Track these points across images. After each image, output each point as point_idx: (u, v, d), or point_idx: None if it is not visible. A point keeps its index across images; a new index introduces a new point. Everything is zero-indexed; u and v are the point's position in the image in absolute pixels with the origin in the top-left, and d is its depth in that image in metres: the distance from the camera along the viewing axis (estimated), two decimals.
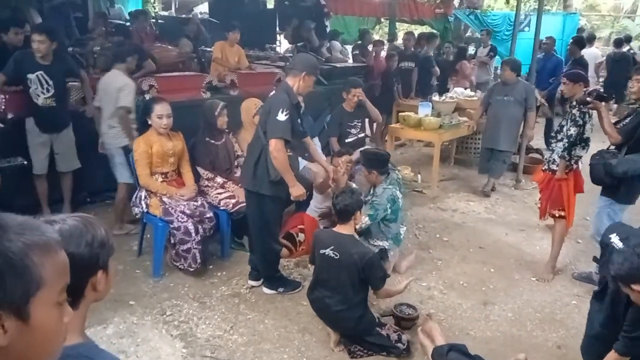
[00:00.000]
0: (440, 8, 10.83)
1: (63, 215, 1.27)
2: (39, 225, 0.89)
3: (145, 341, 3.24)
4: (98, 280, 1.26)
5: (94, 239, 1.24)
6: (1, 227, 0.83)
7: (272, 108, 3.40)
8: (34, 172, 4.63)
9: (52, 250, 0.88)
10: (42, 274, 0.85)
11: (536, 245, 4.89)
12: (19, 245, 0.83)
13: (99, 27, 7.38)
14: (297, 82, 3.53)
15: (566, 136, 4.07)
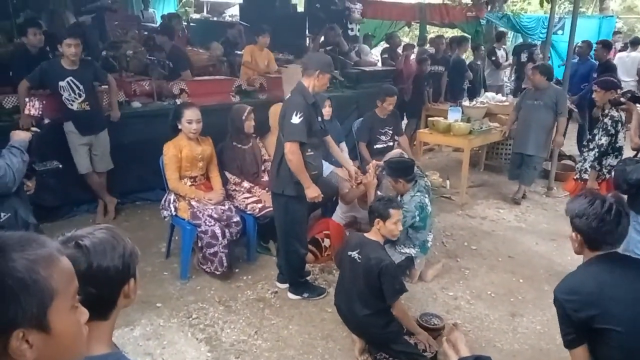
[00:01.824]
0: (472, 11, 10.68)
1: (89, 229, 1.31)
2: (36, 239, 0.93)
3: (171, 344, 3.28)
4: (130, 288, 1.31)
5: (125, 250, 1.29)
6: (1, 249, 0.86)
7: (286, 111, 3.44)
8: (80, 172, 4.81)
9: (55, 259, 0.92)
10: (53, 284, 0.89)
11: (567, 255, 4.77)
12: (24, 262, 0.86)
13: (132, 31, 7.54)
14: (311, 81, 3.54)
15: (597, 145, 3.97)
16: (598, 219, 2.03)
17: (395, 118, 5.59)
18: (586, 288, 2.01)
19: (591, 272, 2.08)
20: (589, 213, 2.05)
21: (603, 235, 2.05)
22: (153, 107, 5.48)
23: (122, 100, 5.29)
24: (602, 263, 2.09)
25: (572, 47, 6.47)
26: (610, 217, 2.02)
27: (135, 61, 6.13)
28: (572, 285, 2.07)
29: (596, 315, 1.95)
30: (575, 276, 2.11)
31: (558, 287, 2.09)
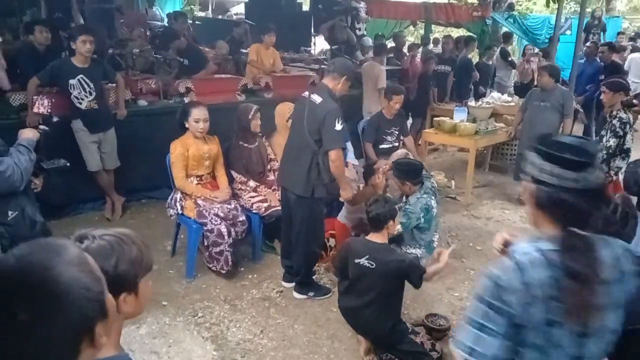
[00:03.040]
0: (478, 11, 10.64)
1: (102, 231, 1.28)
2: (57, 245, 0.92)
3: (177, 342, 3.29)
4: (122, 300, 1.25)
5: (119, 262, 1.23)
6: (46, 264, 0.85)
7: (326, 118, 3.39)
8: (90, 169, 4.83)
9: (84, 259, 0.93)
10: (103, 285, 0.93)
11: None
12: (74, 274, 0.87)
13: (138, 29, 7.55)
14: (336, 85, 3.55)
15: (605, 147, 3.96)
16: (603, 220, 1.99)
17: (402, 118, 5.59)
18: None
19: None
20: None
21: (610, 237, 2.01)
22: (159, 106, 5.49)
23: (128, 98, 5.30)
24: None
25: (579, 47, 6.45)
26: (616, 219, 1.95)
27: (141, 59, 6.14)
28: None
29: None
30: None
31: None
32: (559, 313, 1.33)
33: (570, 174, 1.35)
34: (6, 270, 0.83)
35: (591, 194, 1.36)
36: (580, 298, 1.32)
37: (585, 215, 1.37)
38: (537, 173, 1.40)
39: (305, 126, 3.51)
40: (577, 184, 1.34)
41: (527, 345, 1.37)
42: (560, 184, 1.36)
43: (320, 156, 3.51)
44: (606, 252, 1.39)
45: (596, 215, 1.39)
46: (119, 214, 5.11)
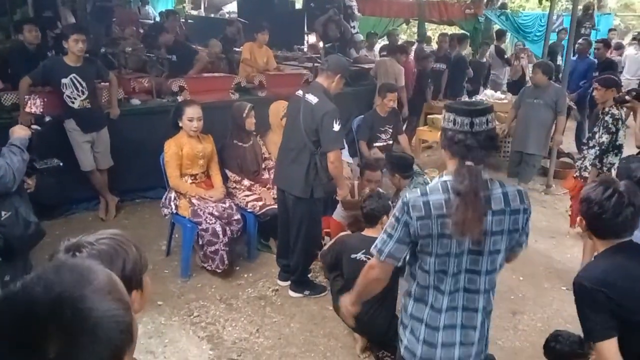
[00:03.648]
0: (471, 8, 10.67)
1: (94, 237, 1.26)
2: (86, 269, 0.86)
3: (172, 342, 3.28)
4: (132, 299, 1.23)
5: (126, 263, 1.23)
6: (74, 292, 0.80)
7: (324, 119, 3.37)
8: (83, 169, 4.80)
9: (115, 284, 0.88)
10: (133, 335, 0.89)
11: (567, 253, 4.79)
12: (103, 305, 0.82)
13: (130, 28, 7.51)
14: (330, 83, 3.53)
15: (598, 143, 3.99)
16: (598, 206, 1.93)
17: (396, 116, 5.60)
18: (618, 278, 1.88)
19: (616, 262, 1.94)
20: (591, 198, 1.96)
21: (603, 223, 1.94)
22: (152, 105, 5.46)
23: (121, 97, 5.27)
24: (619, 253, 1.95)
25: (571, 44, 6.48)
26: (609, 205, 1.90)
27: (134, 58, 6.11)
28: (600, 275, 1.90)
29: (629, 306, 1.83)
30: (600, 266, 1.96)
31: (584, 277, 1.92)
32: (448, 228, 1.75)
33: (463, 119, 1.78)
34: (35, 301, 0.76)
35: (483, 136, 1.78)
36: (463, 212, 1.70)
37: (476, 151, 1.77)
38: (444, 123, 1.84)
39: (302, 127, 3.49)
40: (469, 127, 1.77)
41: (428, 253, 1.81)
42: (457, 128, 1.79)
43: (318, 156, 3.51)
44: (497, 189, 1.82)
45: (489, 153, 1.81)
46: (113, 214, 5.09)
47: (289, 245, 3.85)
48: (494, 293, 1.95)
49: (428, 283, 1.87)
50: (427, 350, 1.90)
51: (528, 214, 1.88)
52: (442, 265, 1.82)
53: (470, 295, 1.87)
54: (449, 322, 1.88)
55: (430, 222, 1.77)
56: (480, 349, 1.96)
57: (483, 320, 1.92)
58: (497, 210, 1.80)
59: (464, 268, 1.83)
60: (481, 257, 1.82)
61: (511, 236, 1.85)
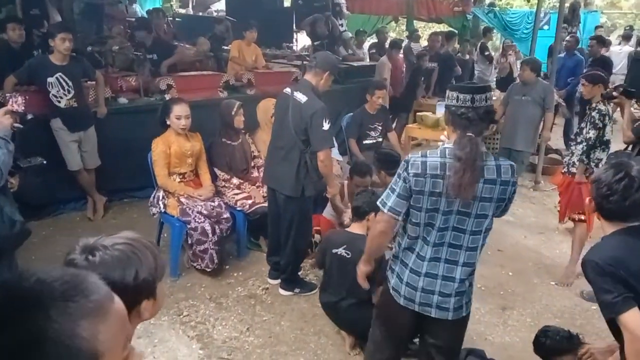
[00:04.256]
0: (459, 6, 10.70)
1: (112, 240, 1.19)
2: (82, 285, 0.79)
3: (162, 342, 3.25)
4: (143, 308, 1.20)
5: (139, 273, 1.17)
6: (41, 304, 0.73)
7: (314, 118, 3.35)
8: (70, 169, 4.76)
9: (102, 312, 0.79)
10: (97, 346, 0.76)
11: (556, 248, 4.82)
12: (64, 323, 0.74)
13: (117, 26, 7.44)
14: (318, 80, 3.51)
15: (585, 139, 4.01)
16: (607, 187, 1.92)
17: (385, 113, 5.60)
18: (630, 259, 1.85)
19: (627, 243, 1.91)
20: (601, 180, 1.95)
21: (612, 205, 1.92)
22: (140, 103, 5.41)
23: (108, 96, 5.22)
24: (630, 235, 1.93)
25: (558, 41, 6.52)
26: (618, 187, 1.89)
27: (121, 56, 6.05)
28: (611, 253, 1.88)
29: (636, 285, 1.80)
30: (610, 246, 1.93)
31: (595, 255, 1.90)
32: (440, 187, 2.01)
33: (465, 96, 2.02)
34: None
35: (482, 110, 2.03)
36: (460, 176, 1.94)
37: (476, 123, 2.02)
38: (448, 101, 2.08)
39: (292, 126, 3.47)
40: (470, 102, 2.01)
41: (418, 208, 2.07)
42: (460, 104, 2.03)
43: (308, 155, 3.49)
44: (491, 161, 2.04)
45: (487, 125, 2.09)
46: (101, 214, 5.04)
47: (280, 243, 3.83)
48: (480, 252, 2.17)
49: (417, 234, 2.13)
50: (409, 291, 2.19)
51: (515, 187, 2.11)
52: (430, 219, 2.07)
53: (453, 250, 2.12)
54: (431, 271, 2.14)
55: (424, 179, 2.02)
56: (459, 304, 2.18)
57: (463, 274, 2.14)
58: (489, 179, 2.02)
59: (451, 225, 2.08)
60: (468, 218, 2.06)
61: (498, 204, 2.08)
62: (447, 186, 2.00)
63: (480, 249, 2.16)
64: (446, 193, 2.01)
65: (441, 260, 2.13)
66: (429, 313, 2.19)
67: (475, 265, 2.18)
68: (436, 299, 2.15)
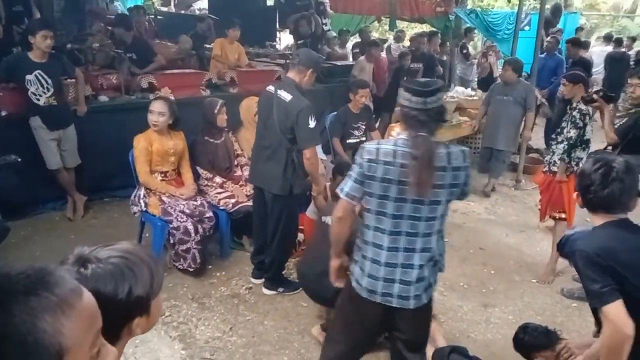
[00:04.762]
0: (441, 6, 10.74)
1: (108, 252, 1.13)
2: (47, 279, 0.76)
3: (143, 342, 3.21)
4: (135, 325, 1.15)
5: (133, 289, 1.10)
6: (2, 298, 0.72)
7: (300, 116, 3.33)
8: (50, 167, 4.68)
9: (66, 306, 0.76)
10: (61, 340, 0.74)
11: (537, 246, 4.88)
12: (25, 317, 0.71)
13: (98, 24, 7.34)
14: (302, 78, 3.49)
15: (566, 138, 4.06)
16: (588, 178, 1.98)
17: (368, 112, 5.61)
18: (619, 249, 1.89)
19: (615, 234, 1.95)
20: (584, 171, 2.03)
21: (593, 196, 1.96)
22: (121, 102, 5.35)
23: (88, 94, 5.14)
24: (618, 227, 1.97)
25: (539, 42, 6.59)
26: (597, 178, 1.95)
27: (102, 54, 5.96)
28: (601, 243, 1.92)
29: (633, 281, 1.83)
30: (599, 237, 1.97)
31: (585, 245, 1.93)
32: (392, 174, 2.06)
33: (418, 99, 2.08)
34: None
35: (434, 112, 2.10)
36: (418, 175, 2.01)
37: (428, 124, 2.09)
38: (401, 100, 2.14)
39: (277, 125, 3.45)
40: (423, 105, 2.08)
41: (370, 194, 2.12)
42: (411, 105, 2.10)
43: (295, 153, 3.48)
44: (442, 150, 2.08)
45: (438, 125, 2.14)
46: (81, 214, 4.97)
47: (266, 242, 3.82)
48: (439, 238, 2.21)
49: (371, 223, 2.18)
50: (371, 282, 2.20)
51: (468, 171, 2.16)
52: (381, 207, 2.12)
53: (410, 238, 2.14)
54: (391, 260, 2.16)
55: (377, 165, 2.09)
56: (419, 292, 2.20)
57: (422, 260, 2.17)
58: (440, 167, 2.07)
59: (406, 214, 2.11)
60: (422, 206, 2.10)
61: (451, 190, 2.12)
62: (406, 185, 2.05)
63: (438, 233, 2.19)
64: (398, 181, 2.06)
65: (400, 250, 2.16)
66: (390, 303, 2.20)
67: (433, 251, 2.19)
68: (397, 288, 2.18)
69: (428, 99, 2.08)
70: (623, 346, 1.78)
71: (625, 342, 1.78)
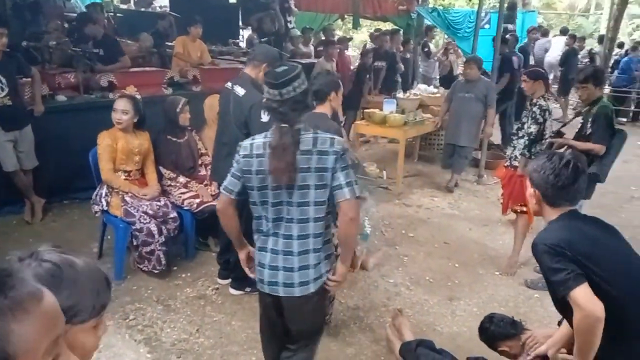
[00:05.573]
0: (403, 5, 10.87)
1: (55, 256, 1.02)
2: (5, 278, 0.73)
3: (107, 347, 3.14)
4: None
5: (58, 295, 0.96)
6: None
7: (252, 110, 3.30)
8: (6, 170, 4.55)
9: (18, 310, 0.73)
10: (6, 347, 0.70)
11: (499, 240, 4.98)
12: None
13: (54, 21, 7.12)
14: (257, 73, 3.47)
15: (526, 133, 4.16)
16: (554, 174, 2.02)
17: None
18: (578, 240, 1.94)
19: (573, 225, 2.01)
20: (546, 167, 2.05)
21: (559, 190, 2.02)
22: (79, 101, 5.21)
23: (45, 93, 4.99)
24: (574, 219, 2.05)
25: (499, 40, 6.73)
26: (567, 172, 2.01)
27: (59, 52, 5.79)
28: (560, 235, 1.96)
29: (595, 269, 1.87)
30: (557, 229, 2.01)
31: (543, 239, 1.97)
32: (265, 165, 2.13)
33: (274, 91, 2.13)
34: None
35: (291, 102, 2.12)
36: (272, 163, 2.10)
37: (288, 115, 2.13)
38: (263, 93, 2.20)
39: (233, 121, 3.43)
40: (279, 97, 2.12)
41: (251, 187, 2.21)
42: (269, 97, 2.15)
43: None
44: (308, 135, 2.14)
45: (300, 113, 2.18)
46: (40, 217, 4.82)
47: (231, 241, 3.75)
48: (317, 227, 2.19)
49: (259, 214, 2.26)
50: (259, 271, 2.30)
51: (339, 157, 2.13)
52: (263, 197, 2.20)
53: (288, 224, 2.20)
54: (274, 247, 2.24)
55: (252, 160, 2.18)
56: (305, 279, 2.22)
57: (300, 247, 2.20)
58: (304, 150, 2.12)
59: (284, 201, 2.17)
60: (293, 191, 2.14)
61: (320, 174, 2.13)
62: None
63: (317, 221, 2.19)
64: (269, 171, 2.14)
65: (279, 236, 2.22)
66: (277, 292, 2.26)
67: (312, 240, 2.20)
68: (282, 275, 2.23)
69: (283, 89, 2.11)
70: (595, 329, 1.81)
71: (597, 324, 1.80)
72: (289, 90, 2.12)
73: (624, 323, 1.88)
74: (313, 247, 2.22)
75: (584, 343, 1.87)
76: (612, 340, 1.85)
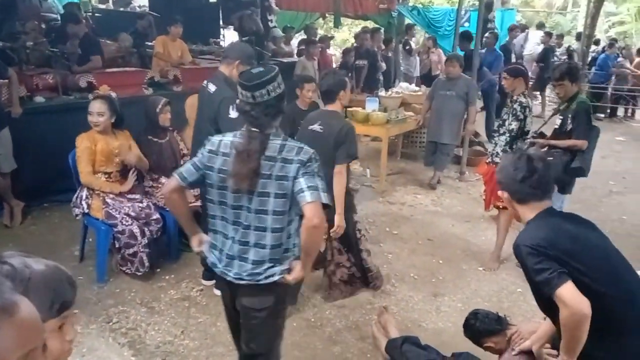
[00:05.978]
0: (384, 3, 10.91)
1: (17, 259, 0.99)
2: None
3: (91, 351, 3.10)
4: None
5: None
6: None
7: (221, 106, 3.30)
8: None
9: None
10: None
11: (482, 235, 5.03)
12: None
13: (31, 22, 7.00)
14: (231, 70, 3.45)
15: (508, 130, 4.21)
16: (513, 169, 2.09)
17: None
18: (559, 238, 1.96)
19: (553, 223, 2.04)
20: (505, 165, 2.16)
21: (521, 184, 2.06)
22: (58, 102, 5.14)
23: (23, 95, 4.90)
24: (552, 217, 2.08)
25: (479, 38, 6.79)
26: (522, 164, 2.07)
27: (37, 53, 5.71)
28: (541, 234, 1.97)
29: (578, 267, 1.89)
30: (537, 229, 2.02)
31: (525, 239, 1.98)
32: (228, 165, 2.08)
33: (246, 93, 2.07)
34: None
35: (263, 106, 2.07)
36: (234, 167, 2.05)
37: (260, 119, 2.08)
38: (238, 95, 2.13)
39: (206, 118, 3.44)
40: (252, 99, 2.06)
41: (210, 185, 2.15)
42: (242, 99, 2.10)
43: None
44: (277, 140, 2.10)
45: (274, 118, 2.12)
46: (19, 220, 4.73)
47: None
48: (275, 238, 2.12)
49: (213, 212, 2.21)
50: (214, 266, 2.25)
51: (302, 165, 2.06)
52: (221, 197, 2.14)
53: (245, 230, 2.14)
54: (231, 252, 2.17)
55: (217, 157, 2.13)
56: (257, 270, 2.15)
57: (256, 257, 2.13)
58: (269, 156, 2.07)
59: (244, 205, 2.11)
60: (253, 197, 2.08)
61: (280, 183, 2.06)
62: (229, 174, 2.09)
63: (275, 231, 2.11)
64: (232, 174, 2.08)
65: (236, 241, 2.16)
66: (227, 278, 2.21)
67: (268, 250, 2.12)
68: (232, 275, 2.18)
69: (256, 92, 2.06)
70: (582, 326, 1.83)
71: (583, 321, 1.82)
72: (263, 93, 2.06)
73: (609, 318, 1.91)
74: (270, 257, 2.14)
75: (571, 339, 1.89)
76: (597, 334, 1.87)
